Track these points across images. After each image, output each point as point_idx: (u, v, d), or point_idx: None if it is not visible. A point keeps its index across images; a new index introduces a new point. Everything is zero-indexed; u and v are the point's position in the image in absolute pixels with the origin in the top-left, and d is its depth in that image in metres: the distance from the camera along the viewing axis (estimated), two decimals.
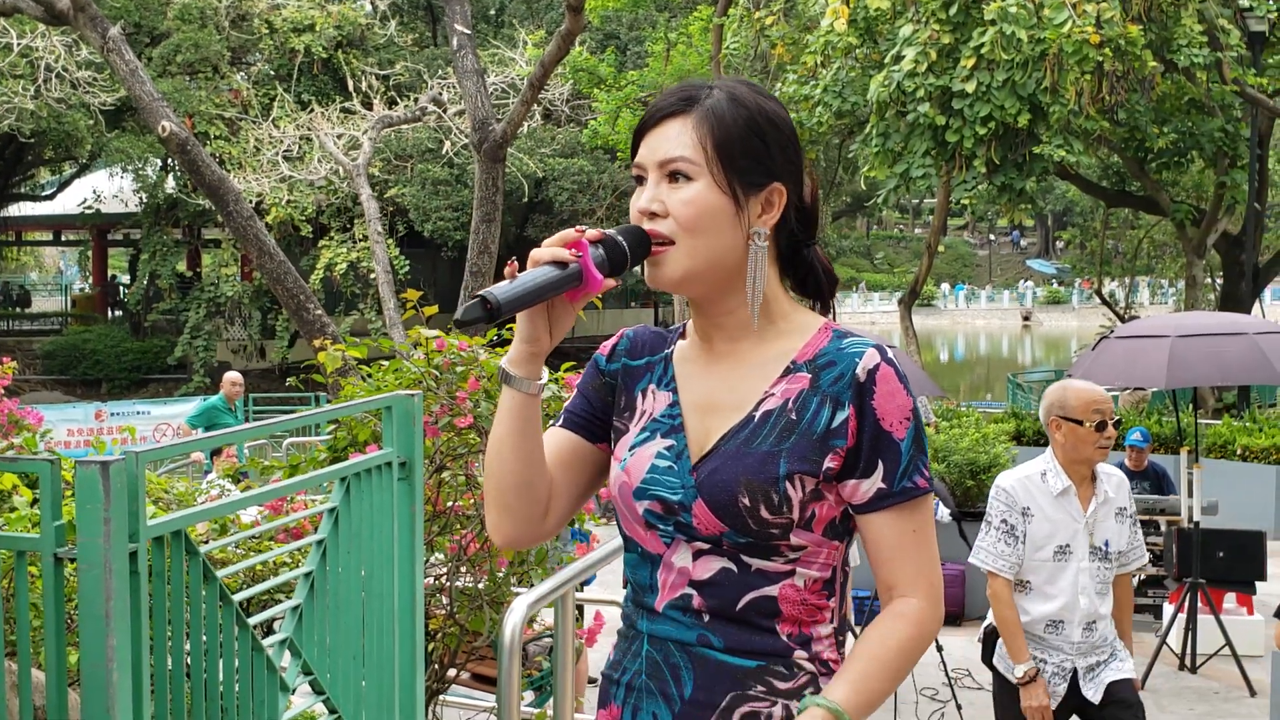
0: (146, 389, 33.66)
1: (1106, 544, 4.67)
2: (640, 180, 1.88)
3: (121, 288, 42.91)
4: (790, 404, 1.84)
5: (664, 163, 1.84)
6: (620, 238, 1.84)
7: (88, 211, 37.36)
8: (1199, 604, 9.42)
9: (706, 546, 1.84)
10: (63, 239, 48.76)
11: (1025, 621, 4.65)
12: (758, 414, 1.85)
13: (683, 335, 2.02)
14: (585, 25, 17.47)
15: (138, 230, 37.13)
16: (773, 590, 1.83)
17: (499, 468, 1.94)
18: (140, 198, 35.21)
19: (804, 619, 1.85)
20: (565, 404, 2.09)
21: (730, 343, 1.92)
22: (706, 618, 1.85)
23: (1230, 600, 9.77)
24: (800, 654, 1.84)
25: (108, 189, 36.98)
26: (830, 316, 1.97)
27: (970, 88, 14.49)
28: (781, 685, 1.83)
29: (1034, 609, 4.65)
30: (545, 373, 1.94)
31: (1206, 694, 8.88)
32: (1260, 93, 18.32)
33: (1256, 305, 21.86)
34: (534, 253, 1.81)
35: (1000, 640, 4.70)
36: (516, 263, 1.82)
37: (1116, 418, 4.72)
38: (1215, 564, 9.42)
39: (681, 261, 1.84)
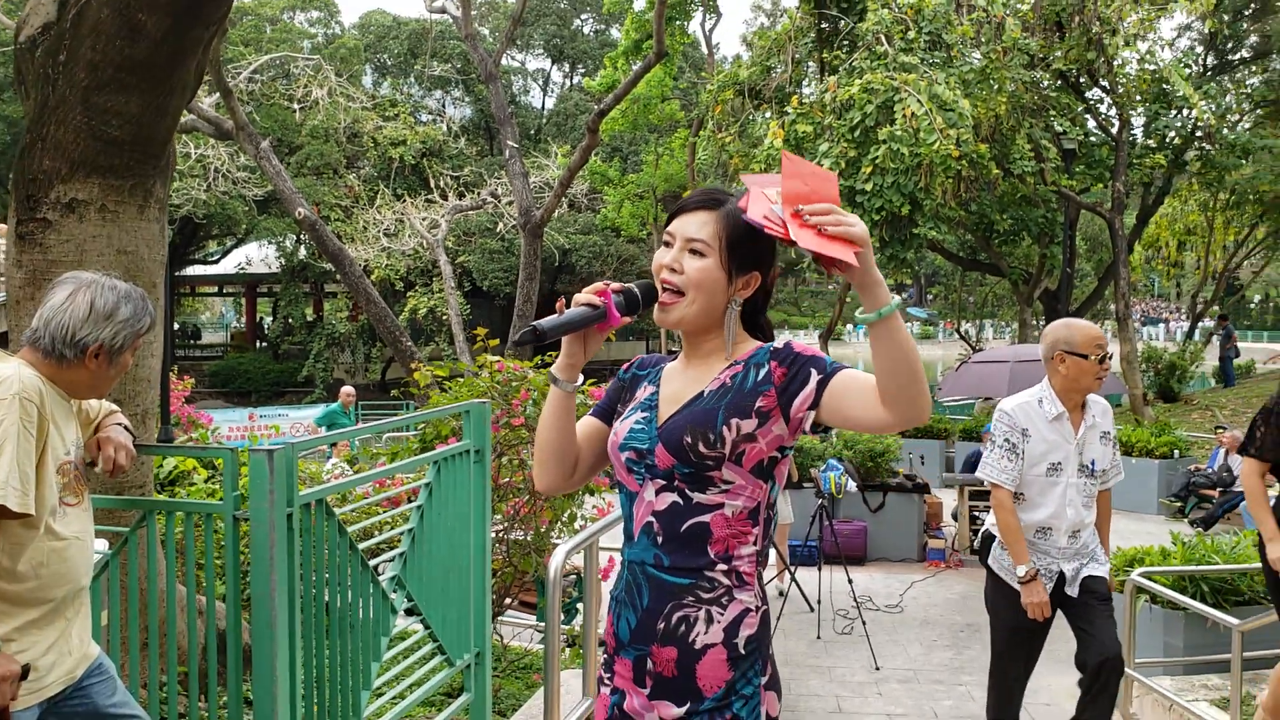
0: (284, 398, 33.58)
1: (1093, 463, 4.15)
2: (667, 244, 1.97)
3: (266, 326, 43.03)
4: (729, 381, 1.92)
5: (690, 239, 1.93)
6: (636, 289, 1.96)
7: (242, 272, 37.46)
8: None
9: (663, 483, 1.90)
10: (224, 291, 48.73)
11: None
12: (706, 390, 1.93)
13: (674, 359, 2.11)
14: (599, 142, 17.51)
15: (278, 285, 37.24)
16: (706, 518, 1.87)
17: (544, 439, 2.07)
18: (280, 262, 35.34)
19: (730, 541, 1.88)
20: (594, 404, 2.20)
21: (700, 360, 2.00)
22: (660, 539, 1.90)
23: None
24: (721, 568, 1.88)
25: (256, 255, 37.14)
26: None
27: (869, 187, 14.52)
28: (705, 595, 1.87)
29: (1027, 517, 4.14)
30: (580, 379, 2.07)
31: None
32: (1070, 191, 18.41)
33: None
34: (576, 296, 1.94)
35: (996, 543, 4.19)
36: (563, 301, 1.96)
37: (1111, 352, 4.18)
38: None
39: (685, 309, 1.94)
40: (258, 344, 40.98)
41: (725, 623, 1.86)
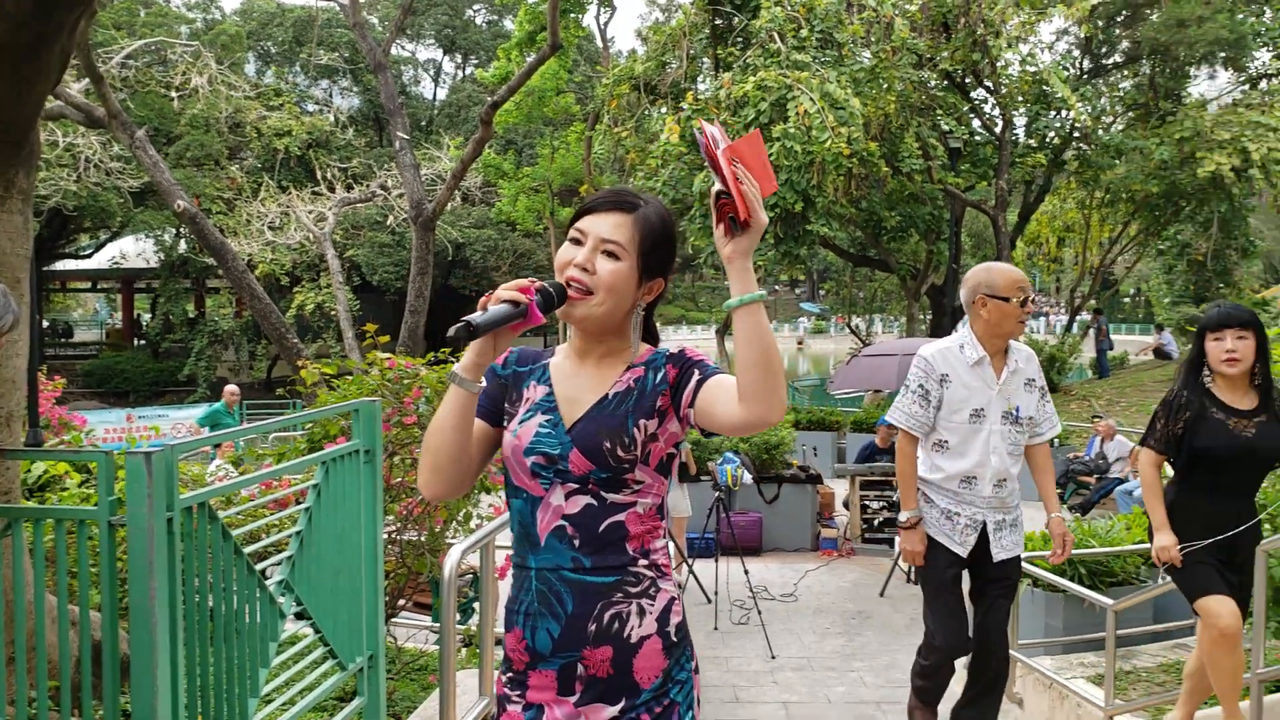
0: (164, 398, 32.48)
1: (1018, 410, 3.96)
2: (577, 242, 1.94)
3: (144, 323, 41.57)
4: (632, 384, 1.94)
5: (604, 240, 1.92)
6: (551, 288, 1.92)
7: (117, 267, 36.08)
8: None
9: (575, 486, 1.90)
10: (98, 287, 46.81)
11: (941, 477, 3.98)
12: (611, 394, 1.94)
13: (553, 355, 2.08)
14: (493, 134, 17.35)
15: (157, 280, 35.98)
16: (621, 516, 1.89)
17: (440, 443, 1.96)
18: (159, 256, 34.16)
19: (645, 536, 1.91)
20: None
21: (594, 360, 2.00)
22: (577, 542, 1.89)
23: None
24: (642, 563, 1.91)
25: (133, 250, 35.76)
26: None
27: None
28: (633, 590, 1.89)
29: (950, 466, 3.95)
30: (484, 381, 2.04)
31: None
32: (956, 189, 18.95)
33: (954, 333, 22.51)
34: (498, 292, 1.89)
35: (921, 494, 4.04)
36: (487, 296, 1.90)
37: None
38: None
39: (593, 308, 1.93)
40: (135, 342, 39.48)
41: (657, 613, 1.89)
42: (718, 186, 1.72)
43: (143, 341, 39.01)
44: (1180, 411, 3.89)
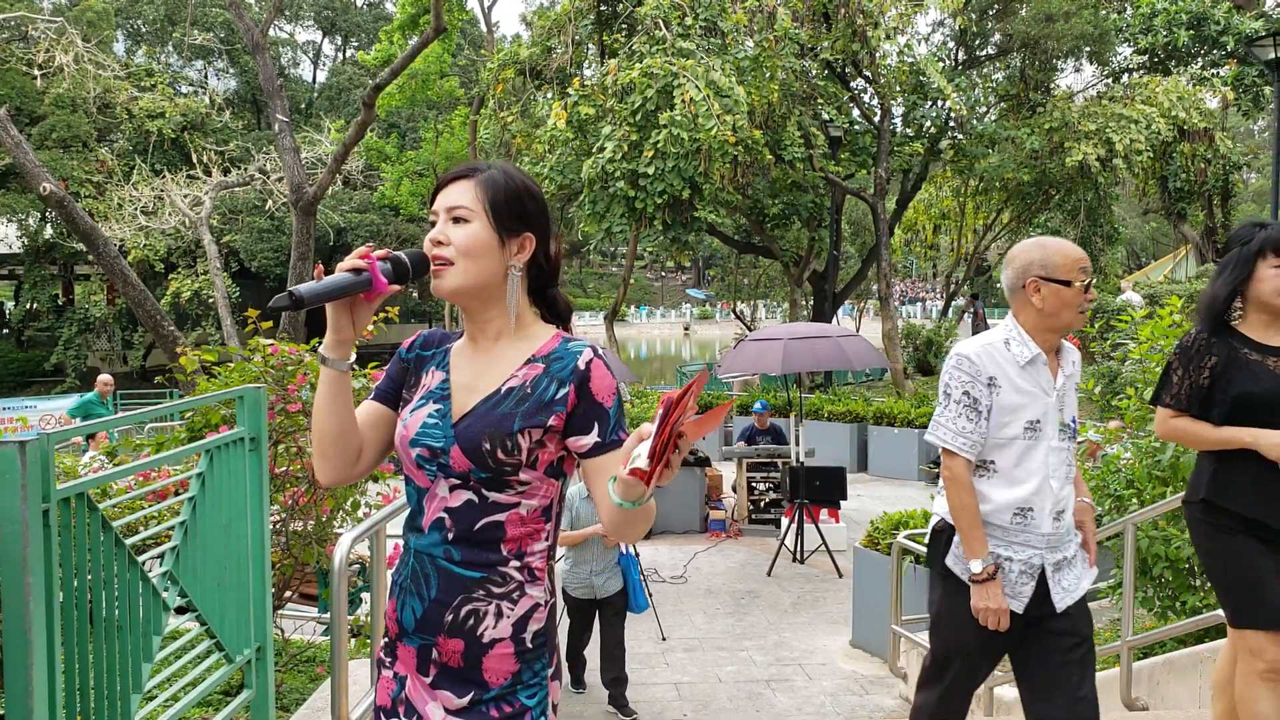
0: (30, 389, 31.00)
1: (1073, 420, 3.08)
2: (433, 224, 1.91)
3: (7, 311, 39.49)
4: (528, 383, 1.87)
5: (451, 208, 1.88)
6: (404, 256, 1.87)
7: None
8: (805, 517, 9.89)
9: (458, 482, 1.86)
10: None
11: (987, 511, 3.01)
12: (503, 389, 1.88)
13: (460, 338, 2.03)
14: (375, 117, 17.01)
15: (20, 266, 34.22)
16: (500, 517, 1.85)
17: (321, 426, 1.94)
18: (23, 241, 32.48)
19: (524, 539, 1.87)
20: (376, 385, 2.09)
21: (489, 342, 1.94)
22: (451, 535, 1.86)
23: (824, 514, 10.25)
24: (514, 564, 1.86)
25: None
26: (567, 330, 2.01)
27: (651, 170, 14.78)
28: (497, 590, 1.85)
29: (999, 495, 3.00)
30: (353, 357, 1.96)
31: (812, 577, 9.33)
32: (837, 177, 19.34)
33: (835, 318, 23.06)
34: (339, 264, 1.83)
35: (957, 540, 3.03)
36: (322, 267, 1.85)
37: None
38: (813, 489, 9.91)
39: (457, 277, 1.87)
40: None
41: (515, 618, 1.85)
42: (642, 460, 1.61)
43: (5, 330, 37.17)
44: (1203, 357, 3.18)
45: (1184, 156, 21.16)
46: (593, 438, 1.84)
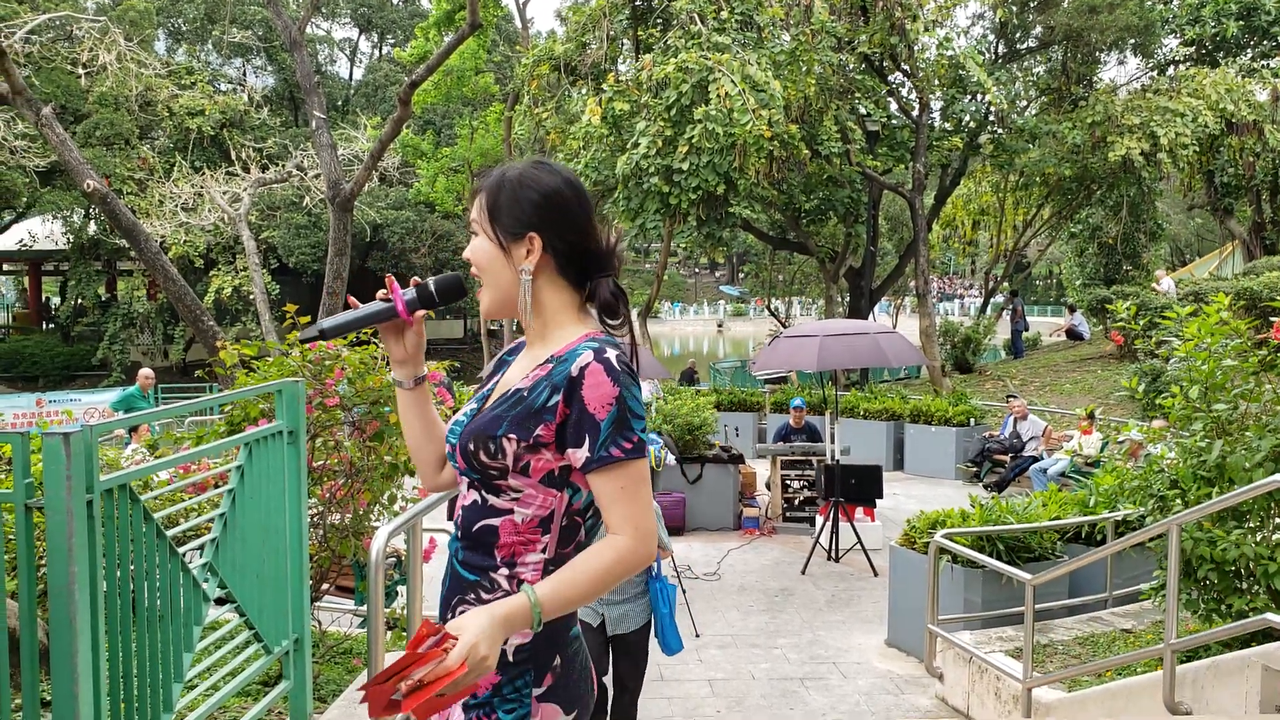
0: (76, 383, 31.49)
1: None
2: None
3: (53, 306, 40.19)
4: (531, 387, 1.83)
5: (470, 225, 1.92)
6: (431, 284, 1.94)
7: (24, 248, 34.78)
8: (839, 515, 9.85)
9: (468, 482, 1.89)
10: (4, 269, 45.00)
11: None
12: (512, 391, 1.86)
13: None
14: (411, 114, 17.12)
15: (66, 262, 34.77)
16: (495, 521, 1.84)
17: (410, 443, 2.09)
18: (68, 238, 33.02)
19: (517, 547, 1.84)
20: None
21: (529, 346, 1.95)
22: (460, 535, 1.89)
23: (860, 512, 10.20)
24: (504, 573, 1.83)
25: (41, 231, 34.43)
26: (625, 326, 1.92)
27: (685, 166, 14.76)
28: (486, 596, 1.83)
29: None
30: (423, 371, 2.06)
31: (846, 576, 9.29)
32: (874, 172, 19.21)
33: (872, 315, 22.92)
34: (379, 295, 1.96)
35: None
36: (353, 298, 1.99)
37: None
38: (849, 488, 9.86)
39: (486, 294, 1.91)
40: (45, 325, 38.16)
41: None
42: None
43: (52, 325, 37.78)
44: None
45: (1232, 150, 20.74)
46: (584, 452, 1.77)
